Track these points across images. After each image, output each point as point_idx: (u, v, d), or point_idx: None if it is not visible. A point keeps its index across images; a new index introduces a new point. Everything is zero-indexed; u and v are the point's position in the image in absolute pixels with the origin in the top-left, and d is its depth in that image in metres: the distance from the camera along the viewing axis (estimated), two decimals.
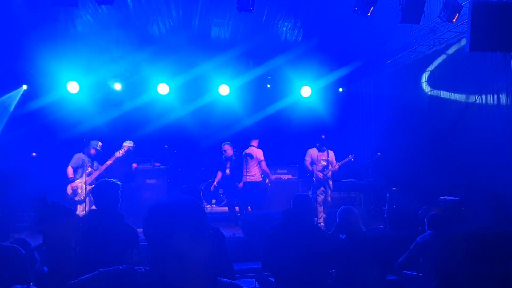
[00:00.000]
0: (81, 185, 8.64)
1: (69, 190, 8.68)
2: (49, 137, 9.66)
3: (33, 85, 10.65)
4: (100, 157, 9.00)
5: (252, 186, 9.40)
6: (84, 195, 8.60)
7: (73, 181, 8.73)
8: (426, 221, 5.08)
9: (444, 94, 10.00)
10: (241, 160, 9.51)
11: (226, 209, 10.80)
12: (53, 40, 9.68)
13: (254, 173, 9.47)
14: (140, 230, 7.00)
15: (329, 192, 9.54)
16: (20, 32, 9.45)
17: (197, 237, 1.72)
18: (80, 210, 8.52)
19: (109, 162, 8.82)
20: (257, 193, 9.35)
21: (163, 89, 11.12)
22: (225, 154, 9.70)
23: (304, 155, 9.71)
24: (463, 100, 9.50)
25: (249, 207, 9.48)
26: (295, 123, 11.73)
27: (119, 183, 4.08)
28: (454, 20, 7.80)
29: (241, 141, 9.98)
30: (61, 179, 9.33)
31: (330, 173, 9.58)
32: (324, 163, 9.54)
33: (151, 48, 10.31)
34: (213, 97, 11.68)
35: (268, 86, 12.16)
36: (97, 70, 10.57)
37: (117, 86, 11.05)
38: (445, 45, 9.81)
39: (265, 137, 10.97)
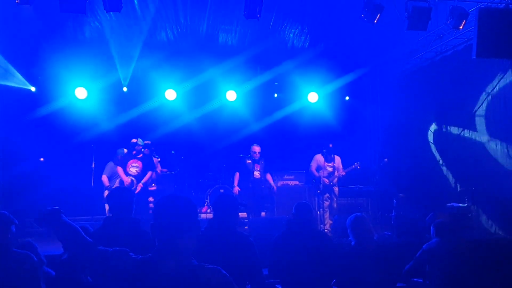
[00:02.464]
0: None
1: (105, 195, 8.97)
2: (58, 142, 9.77)
3: (42, 91, 10.76)
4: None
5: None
6: None
7: (110, 188, 8.95)
8: (432, 228, 5.09)
9: (451, 100, 10.01)
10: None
11: None
12: (61, 46, 9.80)
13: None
14: None
15: (334, 198, 9.56)
16: (30, 39, 9.56)
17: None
18: None
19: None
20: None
21: (170, 94, 11.20)
22: (254, 156, 9.43)
23: (311, 161, 9.74)
24: (471, 106, 9.50)
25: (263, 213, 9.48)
26: (302, 129, 11.76)
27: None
28: (461, 27, 7.83)
29: (248, 147, 10.02)
30: (70, 183, 9.45)
31: (335, 179, 9.60)
32: (330, 169, 9.55)
33: (159, 54, 10.40)
34: (220, 102, 11.74)
35: (276, 95, 12.19)
36: (105, 76, 10.67)
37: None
38: (452, 52, 9.83)
39: (272, 143, 11.01)
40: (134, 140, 9.03)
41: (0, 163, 10.17)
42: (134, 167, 8.88)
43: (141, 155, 8.92)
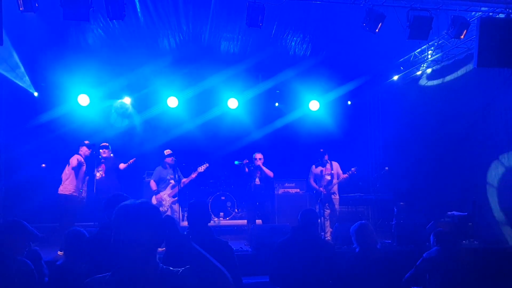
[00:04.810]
0: (165, 197, 9.16)
1: (153, 201, 9.13)
2: (60, 149, 9.80)
3: (45, 97, 10.82)
4: (178, 166, 9.42)
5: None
6: (167, 207, 9.13)
7: (157, 193, 9.22)
8: (432, 237, 5.12)
9: (452, 109, 10.04)
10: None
11: (234, 222, 10.82)
12: (64, 53, 9.86)
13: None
14: None
15: (334, 207, 9.57)
16: (33, 46, 9.62)
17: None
18: None
19: (193, 175, 9.27)
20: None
21: (172, 102, 11.25)
22: (256, 163, 9.47)
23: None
24: (472, 116, 9.54)
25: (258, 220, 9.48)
26: (303, 137, 11.80)
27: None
28: (462, 37, 7.88)
29: (249, 154, 10.05)
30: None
31: (335, 187, 9.61)
32: (328, 177, 9.58)
33: (161, 61, 10.44)
34: (222, 110, 11.78)
35: (277, 104, 12.27)
36: (108, 83, 10.72)
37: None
38: (453, 61, 9.88)
39: (274, 150, 11.05)
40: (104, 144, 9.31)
41: (3, 169, 10.20)
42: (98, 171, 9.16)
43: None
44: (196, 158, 9.76)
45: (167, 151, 9.34)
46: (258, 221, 9.58)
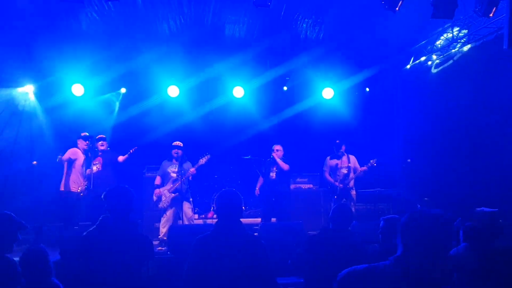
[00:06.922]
0: (165, 192, 9.22)
1: (154, 197, 9.31)
2: (54, 142, 9.82)
3: (38, 87, 10.81)
4: (183, 158, 9.42)
5: None
6: (166, 202, 9.16)
7: (156, 187, 9.33)
8: (461, 232, 5.03)
9: (481, 96, 9.89)
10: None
11: (243, 220, 10.76)
12: (57, 40, 9.83)
13: None
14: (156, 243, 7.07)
15: (351, 203, 9.48)
16: (26, 32, 9.61)
17: None
18: (164, 217, 9.12)
19: (192, 170, 9.24)
20: None
21: (173, 91, 11.21)
22: (275, 155, 9.50)
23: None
24: (504, 104, 9.37)
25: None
26: (316, 128, 11.70)
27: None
28: (491, 15, 7.72)
29: (257, 146, 9.99)
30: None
31: (352, 182, 9.53)
32: (345, 171, 9.49)
33: (160, 47, 10.40)
34: (227, 99, 11.73)
35: (285, 88, 12.17)
36: (103, 72, 10.69)
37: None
38: (481, 42, 9.69)
39: (284, 142, 10.99)
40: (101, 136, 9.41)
41: None
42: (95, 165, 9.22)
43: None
44: (199, 151, 9.70)
45: (174, 143, 9.37)
46: (273, 219, 9.53)
